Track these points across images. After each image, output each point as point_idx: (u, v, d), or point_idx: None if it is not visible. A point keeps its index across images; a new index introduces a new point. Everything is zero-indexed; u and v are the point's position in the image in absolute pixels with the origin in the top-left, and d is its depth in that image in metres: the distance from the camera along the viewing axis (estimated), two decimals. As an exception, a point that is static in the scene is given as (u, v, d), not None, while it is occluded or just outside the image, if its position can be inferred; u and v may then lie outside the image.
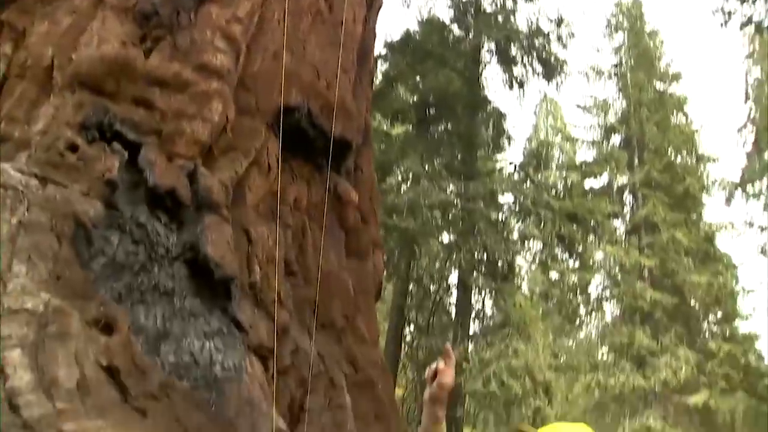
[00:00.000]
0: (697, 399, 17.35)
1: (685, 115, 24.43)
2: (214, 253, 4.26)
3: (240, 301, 4.42)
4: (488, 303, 15.46)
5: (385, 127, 17.64)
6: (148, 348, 3.75)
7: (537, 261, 19.40)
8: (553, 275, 22.48)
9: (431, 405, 2.42)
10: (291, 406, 4.56)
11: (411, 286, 16.56)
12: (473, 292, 15.06)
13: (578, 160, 22.98)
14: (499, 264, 14.04)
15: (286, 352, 4.69)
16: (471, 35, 18.45)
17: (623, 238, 21.75)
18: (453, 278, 16.11)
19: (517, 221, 16.86)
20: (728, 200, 22.98)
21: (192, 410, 3.31)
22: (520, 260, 19.65)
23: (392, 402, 5.90)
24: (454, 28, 18.70)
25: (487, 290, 14.30)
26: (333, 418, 4.82)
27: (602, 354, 21.88)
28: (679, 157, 23.48)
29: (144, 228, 4.19)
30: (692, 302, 20.99)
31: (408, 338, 17.42)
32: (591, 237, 18.91)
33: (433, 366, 2.43)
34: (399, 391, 18.76)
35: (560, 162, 22.91)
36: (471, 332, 14.73)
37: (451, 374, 2.39)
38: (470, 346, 13.22)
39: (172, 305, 4.10)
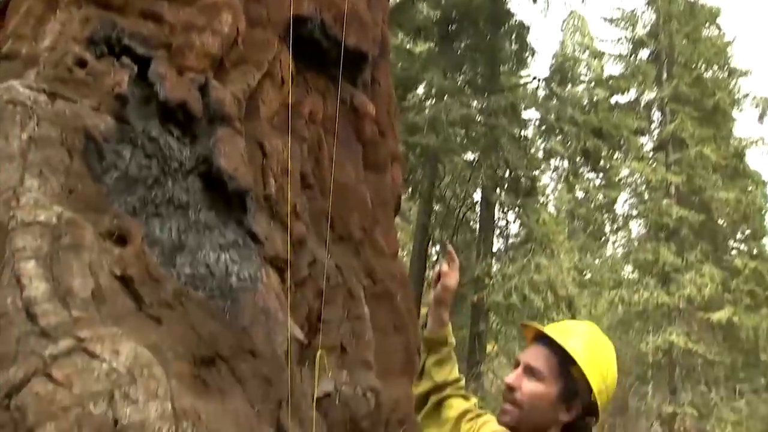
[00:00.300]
0: (720, 315, 17.29)
1: (718, 27, 23.53)
2: (227, 165, 4.25)
3: (255, 213, 4.42)
4: (511, 219, 15.46)
5: (407, 45, 17.31)
6: (163, 260, 3.79)
7: (562, 178, 19.24)
8: (579, 193, 22.32)
9: (436, 307, 2.39)
10: (309, 317, 4.62)
11: (435, 205, 16.55)
12: (496, 208, 14.99)
13: (605, 74, 22.35)
14: (522, 180, 13.89)
15: (303, 264, 4.72)
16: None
17: (650, 155, 21.37)
18: (476, 196, 16.08)
19: (541, 137, 16.62)
20: (761, 117, 22.38)
21: (206, 318, 3.36)
22: (545, 179, 19.50)
23: (411, 314, 5.95)
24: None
25: (510, 207, 14.21)
26: (351, 328, 4.89)
27: (627, 271, 21.89)
28: (709, 70, 22.72)
29: (156, 142, 4.18)
30: (719, 219, 20.74)
31: (433, 257, 17.53)
32: (617, 153, 18.59)
33: (437, 268, 2.39)
34: (424, 311, 19.01)
35: (586, 77, 22.31)
36: (494, 249, 14.74)
37: (455, 276, 2.35)
38: (493, 263, 13.23)
39: (186, 218, 4.13)
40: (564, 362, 1.97)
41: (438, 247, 17.87)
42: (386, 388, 4.86)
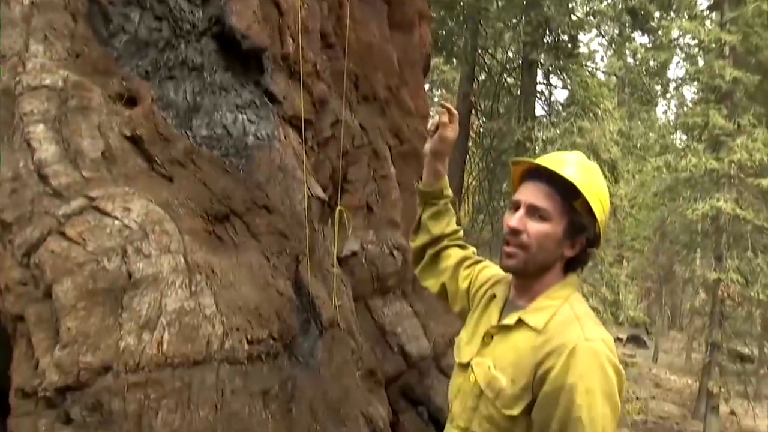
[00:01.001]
0: (772, 181, 16.77)
1: None
2: (239, 24, 4.08)
3: (273, 72, 4.29)
4: (554, 82, 14.93)
5: None
6: (179, 122, 3.72)
7: (611, 43, 18.39)
8: (629, 59, 21.37)
9: (433, 159, 2.28)
10: (332, 176, 4.56)
11: (478, 73, 16.07)
12: (538, 72, 14.47)
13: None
14: (564, 40, 13.26)
15: (326, 124, 4.62)
16: None
17: (704, 13, 20.20)
18: (518, 60, 15.46)
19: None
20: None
21: (219, 175, 3.32)
22: (594, 45, 18.58)
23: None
24: None
25: (552, 69, 13.67)
26: (377, 188, 4.83)
27: (675, 136, 21.28)
28: None
29: (166, 3, 4.01)
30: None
31: (475, 124, 17.22)
32: (667, 12, 17.58)
33: (435, 118, 2.25)
34: (467, 179, 18.91)
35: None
36: (536, 113, 14.37)
37: (454, 128, 2.23)
38: (535, 127, 12.89)
39: (201, 80, 4.02)
40: (567, 197, 1.89)
41: (481, 117, 17.54)
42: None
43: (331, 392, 3.37)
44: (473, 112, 16.87)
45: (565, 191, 1.89)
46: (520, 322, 1.91)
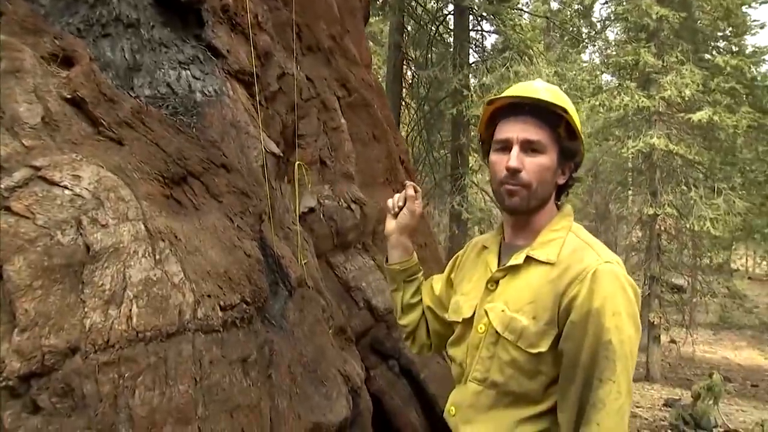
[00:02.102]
0: (701, 116, 17.19)
1: None
2: (174, -26, 3.83)
3: (214, 26, 4.07)
4: (486, 28, 14.83)
5: None
6: (119, 82, 3.48)
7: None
8: (553, 3, 21.46)
9: (400, 236, 2.24)
10: (283, 132, 4.38)
11: (405, 20, 15.84)
12: (470, 19, 14.32)
13: None
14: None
15: (272, 78, 4.42)
16: None
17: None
18: (449, 7, 15.28)
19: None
20: None
21: (171, 135, 3.11)
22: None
23: (390, 121, 5.73)
24: None
25: (484, 14, 13.55)
26: (329, 141, 4.67)
27: (606, 76, 21.58)
28: None
29: (92, -44, 3.73)
30: (700, 18, 20.16)
31: (408, 75, 17.04)
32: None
33: (397, 196, 2.22)
34: (403, 131, 18.80)
35: None
36: (470, 60, 14.25)
37: (420, 203, 2.20)
38: (470, 75, 12.80)
39: (139, 37, 3.77)
40: (553, 125, 1.86)
41: (413, 67, 17.33)
42: (370, 198, 4.74)
43: (307, 353, 3.26)
44: (405, 62, 16.68)
45: (550, 118, 1.85)
46: (529, 260, 1.86)
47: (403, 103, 16.94)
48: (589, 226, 34.85)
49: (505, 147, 1.87)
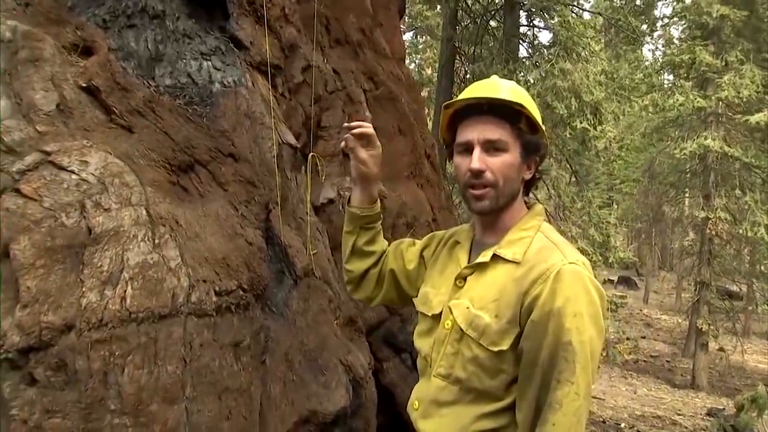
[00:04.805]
0: (759, 117, 16.62)
1: None
2: (201, -34, 3.91)
3: (239, 18, 4.14)
4: (537, 24, 14.61)
5: None
6: (140, 72, 3.58)
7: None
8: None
9: (364, 183, 2.19)
10: (306, 123, 4.43)
11: (460, 15, 15.75)
12: (521, 13, 14.16)
13: None
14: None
15: (297, 70, 4.47)
16: None
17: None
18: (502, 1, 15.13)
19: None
20: None
21: (181, 124, 3.19)
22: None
23: (419, 116, 5.71)
24: None
25: (533, 8, 13.36)
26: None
27: (662, 76, 21.09)
28: None
29: (122, -52, 3.84)
30: (764, 15, 19.52)
31: (459, 70, 16.93)
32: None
33: (342, 142, 2.13)
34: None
35: None
36: (519, 55, 14.07)
37: (373, 146, 2.11)
38: (516, 69, 12.64)
39: (164, 28, 3.86)
40: (513, 121, 1.86)
41: (466, 62, 17.24)
42: (393, 191, 4.76)
43: (308, 342, 3.31)
44: (459, 57, 16.59)
45: (509, 116, 1.86)
46: (496, 258, 1.87)
47: (454, 98, 16.84)
48: (643, 229, 34.23)
49: (467, 149, 1.87)
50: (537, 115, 1.90)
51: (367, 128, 2.09)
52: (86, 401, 2.41)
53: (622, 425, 12.06)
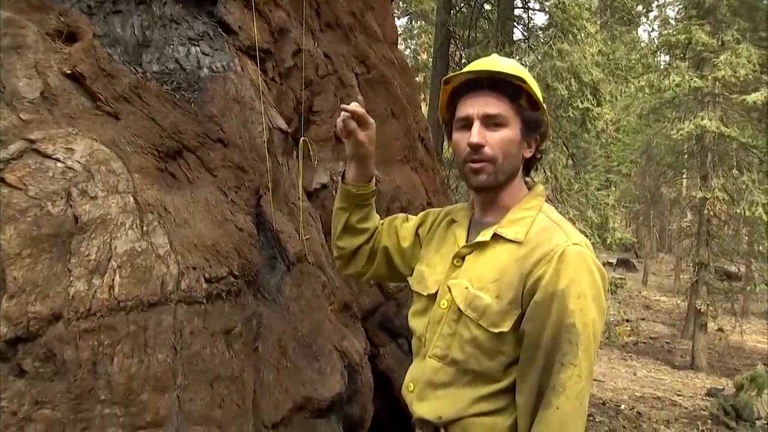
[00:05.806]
0: (756, 97, 16.53)
1: None
2: (187, -51, 3.85)
3: (226, 2, 4.08)
4: (532, 6, 14.50)
5: None
6: (127, 58, 3.53)
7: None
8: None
9: (359, 162, 2.14)
10: (297, 108, 4.39)
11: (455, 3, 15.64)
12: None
13: None
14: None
15: (287, 54, 4.42)
16: None
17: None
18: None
19: None
20: None
21: (168, 109, 3.14)
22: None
23: (412, 99, 5.66)
24: None
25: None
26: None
27: (658, 57, 20.99)
28: None
29: (106, -69, 3.77)
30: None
31: (454, 54, 16.83)
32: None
33: (340, 123, 2.07)
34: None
35: None
36: (514, 38, 13.99)
37: (368, 127, 2.08)
38: (514, 52, 12.55)
39: (150, 13, 3.81)
40: (513, 96, 1.82)
41: (461, 46, 17.13)
42: (386, 175, 4.72)
43: (302, 328, 3.28)
44: (453, 41, 16.49)
45: (509, 91, 1.82)
46: (496, 237, 1.83)
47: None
48: (641, 210, 34.20)
49: (466, 124, 1.83)
50: (538, 91, 1.86)
51: (360, 110, 2.06)
52: (76, 392, 2.38)
53: (622, 407, 12.08)
